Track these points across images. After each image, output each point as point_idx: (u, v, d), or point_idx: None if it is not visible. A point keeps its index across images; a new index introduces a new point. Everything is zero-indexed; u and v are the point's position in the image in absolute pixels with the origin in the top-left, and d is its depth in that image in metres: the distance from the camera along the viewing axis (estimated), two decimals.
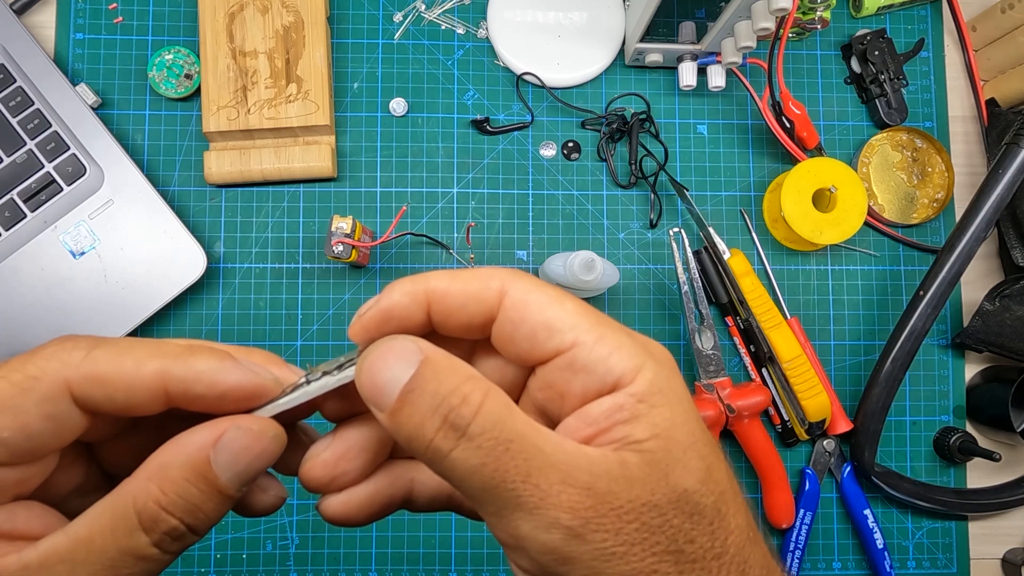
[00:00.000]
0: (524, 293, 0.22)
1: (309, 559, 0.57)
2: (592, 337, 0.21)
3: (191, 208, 0.59)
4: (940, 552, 0.61)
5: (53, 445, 0.21)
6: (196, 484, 0.20)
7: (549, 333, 0.22)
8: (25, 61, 0.55)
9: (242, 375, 0.21)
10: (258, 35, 0.57)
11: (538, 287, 0.22)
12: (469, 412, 0.20)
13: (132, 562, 0.20)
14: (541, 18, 0.61)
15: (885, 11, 0.64)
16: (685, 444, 0.21)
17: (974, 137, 0.65)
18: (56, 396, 0.20)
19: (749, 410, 0.56)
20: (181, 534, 0.21)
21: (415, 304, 0.22)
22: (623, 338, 0.22)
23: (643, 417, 0.21)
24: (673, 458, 0.21)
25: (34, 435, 0.20)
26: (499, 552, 0.58)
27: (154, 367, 0.21)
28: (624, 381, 0.21)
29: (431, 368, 0.20)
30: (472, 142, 0.61)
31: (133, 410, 0.21)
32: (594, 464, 0.20)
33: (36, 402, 0.20)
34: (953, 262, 0.56)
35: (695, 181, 0.62)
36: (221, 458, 0.21)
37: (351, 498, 0.24)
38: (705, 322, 0.57)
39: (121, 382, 0.21)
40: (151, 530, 0.20)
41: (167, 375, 0.21)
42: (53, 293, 0.54)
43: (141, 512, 0.20)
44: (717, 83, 0.59)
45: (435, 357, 0.20)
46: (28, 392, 0.20)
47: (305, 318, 0.58)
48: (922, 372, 0.62)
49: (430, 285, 0.22)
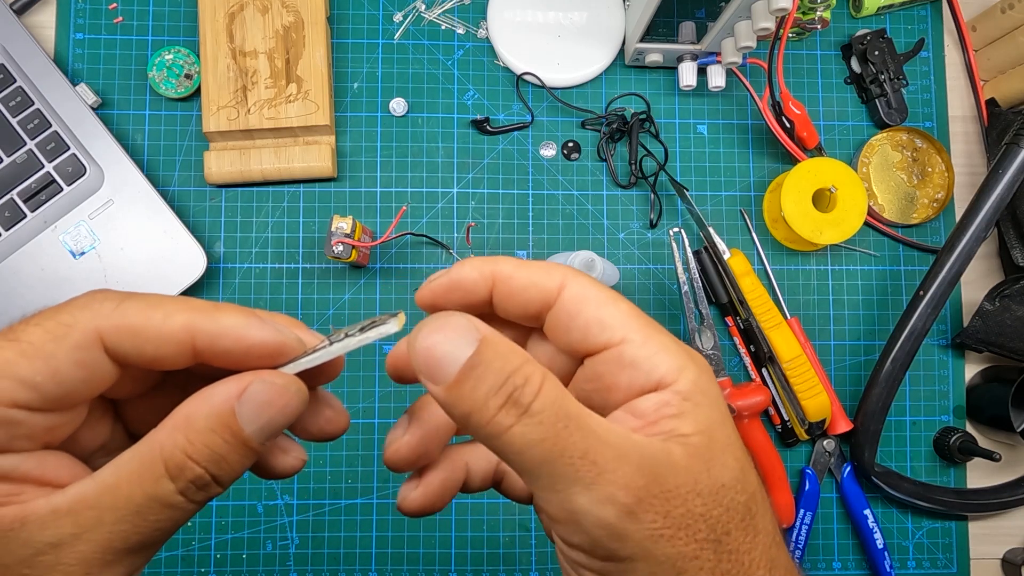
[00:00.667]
0: (582, 288, 0.23)
1: (309, 559, 0.57)
2: (640, 336, 0.23)
3: (191, 208, 0.59)
4: (940, 552, 0.61)
5: (83, 394, 0.21)
6: (221, 434, 0.21)
7: (601, 328, 0.23)
8: (25, 61, 0.55)
9: (267, 332, 0.22)
10: (258, 35, 0.57)
11: (595, 285, 0.24)
12: (531, 391, 0.21)
13: (158, 509, 0.20)
14: (541, 18, 0.61)
15: (885, 11, 0.64)
16: (723, 443, 0.22)
17: (974, 137, 0.65)
18: (88, 344, 0.21)
19: (749, 410, 0.56)
20: (206, 483, 0.21)
21: (482, 280, 0.24)
22: (668, 341, 0.23)
23: (688, 414, 0.22)
24: (713, 454, 0.22)
25: (65, 381, 0.20)
26: (499, 552, 0.58)
27: (182, 320, 0.21)
28: (668, 380, 0.22)
29: (492, 347, 0.21)
30: (472, 142, 0.61)
31: (161, 362, 0.22)
32: (644, 449, 0.21)
33: (68, 349, 0.20)
34: (953, 262, 0.56)
35: (695, 181, 0.62)
36: (245, 410, 0.21)
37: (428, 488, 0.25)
38: (705, 322, 0.57)
39: (151, 333, 0.21)
40: (177, 478, 0.20)
41: (195, 328, 0.21)
42: (53, 293, 0.54)
43: (168, 460, 0.20)
44: (717, 83, 0.59)
45: (494, 338, 0.21)
46: (61, 339, 0.20)
47: (305, 318, 0.58)
48: (922, 372, 0.62)
49: (498, 267, 0.24)
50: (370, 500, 0.58)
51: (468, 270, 0.24)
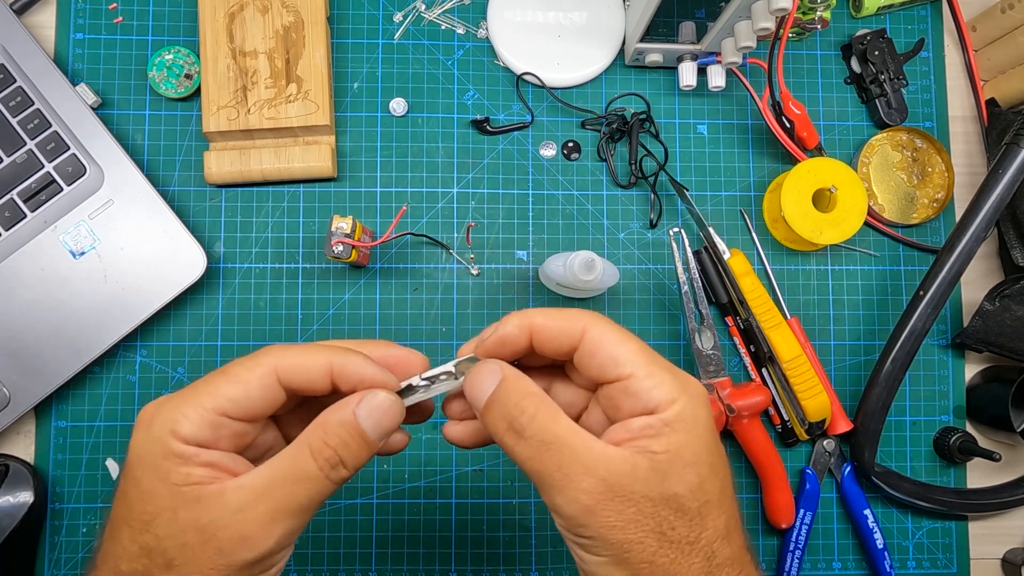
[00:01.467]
0: (599, 333, 0.31)
1: (309, 559, 0.57)
2: (643, 372, 0.30)
3: (191, 208, 0.59)
4: (940, 552, 0.61)
5: (264, 410, 0.31)
6: (347, 429, 0.30)
7: (614, 364, 0.30)
8: (25, 61, 0.55)
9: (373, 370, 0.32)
10: (258, 35, 0.57)
11: (612, 329, 0.31)
12: (526, 420, 0.30)
13: (305, 482, 0.29)
14: (541, 18, 0.61)
15: (885, 11, 0.64)
16: (687, 462, 0.29)
17: (974, 137, 0.65)
18: (269, 376, 0.30)
19: (749, 410, 0.56)
20: (336, 463, 0.30)
21: (521, 333, 0.32)
22: (667, 376, 0.30)
23: (663, 436, 0.29)
24: (674, 469, 0.29)
25: (254, 400, 0.30)
26: (499, 552, 0.58)
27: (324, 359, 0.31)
28: (659, 408, 0.30)
29: (504, 386, 0.31)
30: (472, 142, 0.61)
31: (312, 388, 0.31)
32: (612, 462, 0.29)
33: (257, 379, 0.30)
34: (953, 262, 0.56)
35: (695, 181, 0.62)
36: (361, 412, 0.31)
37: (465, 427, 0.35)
38: (705, 322, 0.57)
39: (304, 368, 0.31)
40: (317, 458, 0.30)
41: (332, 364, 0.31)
42: (53, 293, 0.54)
43: (311, 446, 0.30)
44: (717, 83, 0.59)
45: (510, 377, 0.31)
46: (252, 371, 0.30)
47: (305, 318, 0.58)
48: (922, 372, 0.62)
49: (533, 320, 0.32)
50: (370, 500, 0.58)
51: (510, 328, 0.32)
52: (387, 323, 0.59)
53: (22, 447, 0.57)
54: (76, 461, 0.56)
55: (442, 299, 0.59)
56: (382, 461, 0.58)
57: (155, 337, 0.58)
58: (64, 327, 0.54)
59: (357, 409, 0.30)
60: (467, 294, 0.60)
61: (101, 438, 0.57)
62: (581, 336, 0.31)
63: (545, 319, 0.32)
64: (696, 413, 0.30)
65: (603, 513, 0.28)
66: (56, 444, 0.56)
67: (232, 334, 0.58)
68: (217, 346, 0.58)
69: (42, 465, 0.56)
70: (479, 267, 0.60)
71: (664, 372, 0.30)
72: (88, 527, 0.56)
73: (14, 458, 0.55)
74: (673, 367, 0.31)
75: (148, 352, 0.58)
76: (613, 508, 0.28)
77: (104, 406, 0.57)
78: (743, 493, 0.60)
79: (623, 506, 0.28)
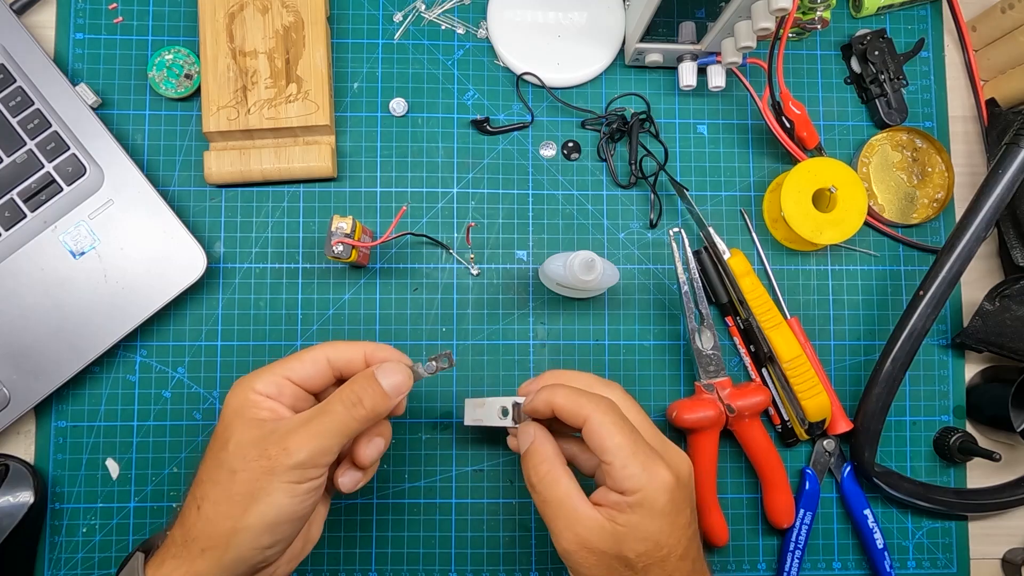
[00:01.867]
0: (597, 425, 0.41)
1: (309, 559, 0.57)
2: (620, 464, 0.41)
3: (191, 208, 0.59)
4: (940, 552, 0.61)
5: (319, 383, 0.44)
6: (367, 380, 0.42)
7: (602, 452, 0.41)
8: (25, 61, 0.55)
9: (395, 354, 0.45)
10: (258, 35, 0.57)
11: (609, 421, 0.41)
12: (536, 480, 0.43)
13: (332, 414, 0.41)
14: (541, 18, 0.61)
15: (885, 11, 0.64)
16: (638, 537, 0.40)
17: (974, 137, 0.65)
18: (321, 356, 0.44)
19: (749, 410, 0.56)
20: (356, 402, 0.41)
21: (547, 409, 0.44)
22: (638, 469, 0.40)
23: (625, 514, 0.41)
24: (629, 539, 0.40)
25: (307, 371, 0.43)
26: (499, 552, 0.58)
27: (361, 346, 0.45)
28: (627, 493, 0.41)
29: (532, 447, 0.44)
30: (472, 142, 0.61)
31: (351, 368, 0.44)
32: (590, 523, 0.41)
33: (312, 357, 0.43)
34: (953, 262, 0.56)
35: (695, 181, 0.62)
36: (378, 371, 0.42)
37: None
38: (705, 322, 0.57)
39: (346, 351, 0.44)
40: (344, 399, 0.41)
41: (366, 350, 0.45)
42: (53, 293, 0.54)
43: (340, 393, 0.42)
44: (717, 83, 0.59)
45: (536, 442, 0.44)
46: (309, 352, 0.44)
47: (305, 318, 0.58)
48: (922, 372, 0.62)
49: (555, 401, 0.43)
50: (370, 500, 0.58)
51: (539, 404, 0.44)
52: (387, 323, 0.59)
53: (22, 447, 0.57)
54: (76, 461, 0.56)
55: (442, 299, 0.59)
56: (382, 461, 0.58)
57: (155, 337, 0.58)
58: (64, 327, 0.54)
59: (375, 369, 0.42)
60: (467, 294, 0.60)
61: (101, 438, 0.57)
62: (584, 423, 0.42)
63: (564, 401, 0.43)
64: (655, 501, 0.40)
65: (576, 556, 0.41)
66: (56, 444, 0.56)
67: (232, 334, 0.58)
68: (217, 346, 0.58)
69: (42, 465, 0.56)
70: (479, 267, 0.60)
71: (637, 465, 0.40)
72: (88, 527, 0.56)
73: (14, 458, 0.55)
74: (650, 455, 0.41)
75: (148, 352, 0.58)
76: (583, 555, 0.41)
77: (104, 406, 0.57)
78: (743, 493, 0.60)
79: (590, 554, 0.41)
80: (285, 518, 0.39)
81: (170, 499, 0.56)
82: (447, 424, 0.58)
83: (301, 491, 0.39)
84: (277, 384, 0.42)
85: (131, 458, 0.57)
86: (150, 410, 0.57)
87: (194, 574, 0.39)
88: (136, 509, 0.56)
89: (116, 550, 0.56)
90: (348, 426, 0.41)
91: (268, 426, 0.40)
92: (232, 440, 0.40)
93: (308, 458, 0.39)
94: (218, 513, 0.39)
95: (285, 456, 0.39)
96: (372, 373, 0.42)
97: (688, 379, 0.60)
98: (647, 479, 0.40)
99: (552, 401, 0.43)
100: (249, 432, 0.40)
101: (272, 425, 0.40)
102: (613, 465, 0.40)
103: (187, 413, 0.57)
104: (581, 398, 0.42)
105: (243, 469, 0.39)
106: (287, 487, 0.39)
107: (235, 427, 0.41)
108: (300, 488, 0.39)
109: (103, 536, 0.56)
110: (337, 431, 0.40)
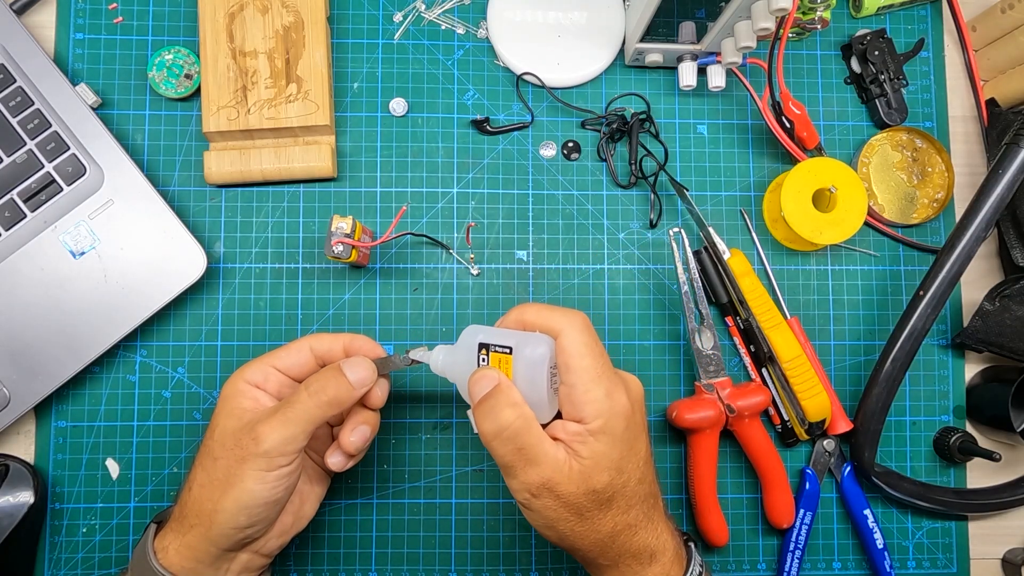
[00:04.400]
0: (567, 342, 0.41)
1: (309, 559, 0.57)
2: (582, 388, 0.40)
3: (191, 208, 0.59)
4: (940, 552, 0.61)
5: (298, 367, 0.47)
6: (331, 371, 0.44)
7: (566, 371, 0.41)
8: (25, 61, 0.55)
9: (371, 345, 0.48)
10: (258, 35, 0.57)
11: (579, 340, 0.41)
12: (507, 423, 0.40)
13: (298, 403, 0.43)
14: (541, 18, 0.61)
15: (885, 11, 0.64)
16: (604, 466, 0.40)
17: (974, 137, 0.65)
18: (304, 346, 0.47)
19: (749, 410, 0.56)
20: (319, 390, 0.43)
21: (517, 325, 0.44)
22: (600, 394, 0.40)
23: (587, 444, 0.40)
24: (593, 472, 0.40)
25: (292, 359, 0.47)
26: (499, 552, 0.58)
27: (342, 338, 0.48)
28: (587, 419, 0.40)
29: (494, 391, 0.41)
30: (472, 142, 0.61)
31: (332, 356, 0.47)
32: (556, 463, 0.40)
33: (296, 347, 0.47)
34: (953, 262, 0.56)
35: (695, 181, 0.62)
36: (345, 364, 0.44)
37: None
38: (705, 322, 0.57)
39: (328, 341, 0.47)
40: (308, 389, 0.43)
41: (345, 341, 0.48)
42: (53, 293, 0.54)
43: (308, 385, 0.43)
44: (717, 83, 0.59)
45: (503, 384, 0.41)
46: (294, 343, 0.47)
47: (305, 318, 0.58)
48: (922, 372, 0.62)
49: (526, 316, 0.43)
50: (370, 500, 0.58)
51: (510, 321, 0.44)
52: (387, 323, 0.59)
53: (22, 447, 0.57)
54: (76, 461, 0.56)
55: (442, 299, 0.59)
56: (382, 461, 0.58)
57: (155, 337, 0.58)
58: (64, 327, 0.54)
59: (342, 362, 0.45)
60: (467, 294, 0.60)
61: (101, 438, 0.57)
62: (556, 337, 0.41)
63: (535, 316, 0.42)
64: (615, 427, 0.40)
65: (540, 497, 0.40)
66: (56, 444, 0.56)
67: (232, 334, 0.58)
68: (217, 346, 0.58)
69: (42, 465, 0.56)
70: (479, 267, 0.60)
71: (601, 390, 0.40)
72: (88, 527, 0.56)
73: (14, 458, 0.55)
74: (613, 379, 0.41)
75: (148, 352, 0.58)
76: (548, 495, 0.40)
77: (104, 406, 0.57)
78: (743, 493, 0.60)
79: (555, 495, 0.40)
80: (258, 502, 0.42)
81: (170, 499, 0.56)
82: (447, 424, 0.58)
83: (271, 478, 0.42)
84: (264, 372, 0.45)
85: (131, 458, 0.57)
86: (150, 410, 0.57)
87: (187, 545, 0.43)
88: (136, 509, 0.56)
89: (116, 550, 0.56)
90: (312, 414, 0.42)
91: (247, 416, 0.43)
92: (217, 428, 0.44)
93: (274, 446, 0.41)
94: (203, 495, 0.43)
95: (254, 444, 0.41)
96: (339, 366, 0.44)
97: (688, 379, 0.60)
98: (608, 405, 0.40)
99: (522, 319, 0.43)
100: (230, 421, 0.43)
101: (249, 415, 0.43)
102: (576, 387, 0.40)
103: (187, 413, 0.57)
104: (554, 313, 0.42)
105: (222, 456, 0.42)
106: (256, 474, 0.41)
107: (220, 416, 0.44)
108: (270, 476, 0.42)
109: (103, 536, 0.56)
110: (302, 419, 0.42)
